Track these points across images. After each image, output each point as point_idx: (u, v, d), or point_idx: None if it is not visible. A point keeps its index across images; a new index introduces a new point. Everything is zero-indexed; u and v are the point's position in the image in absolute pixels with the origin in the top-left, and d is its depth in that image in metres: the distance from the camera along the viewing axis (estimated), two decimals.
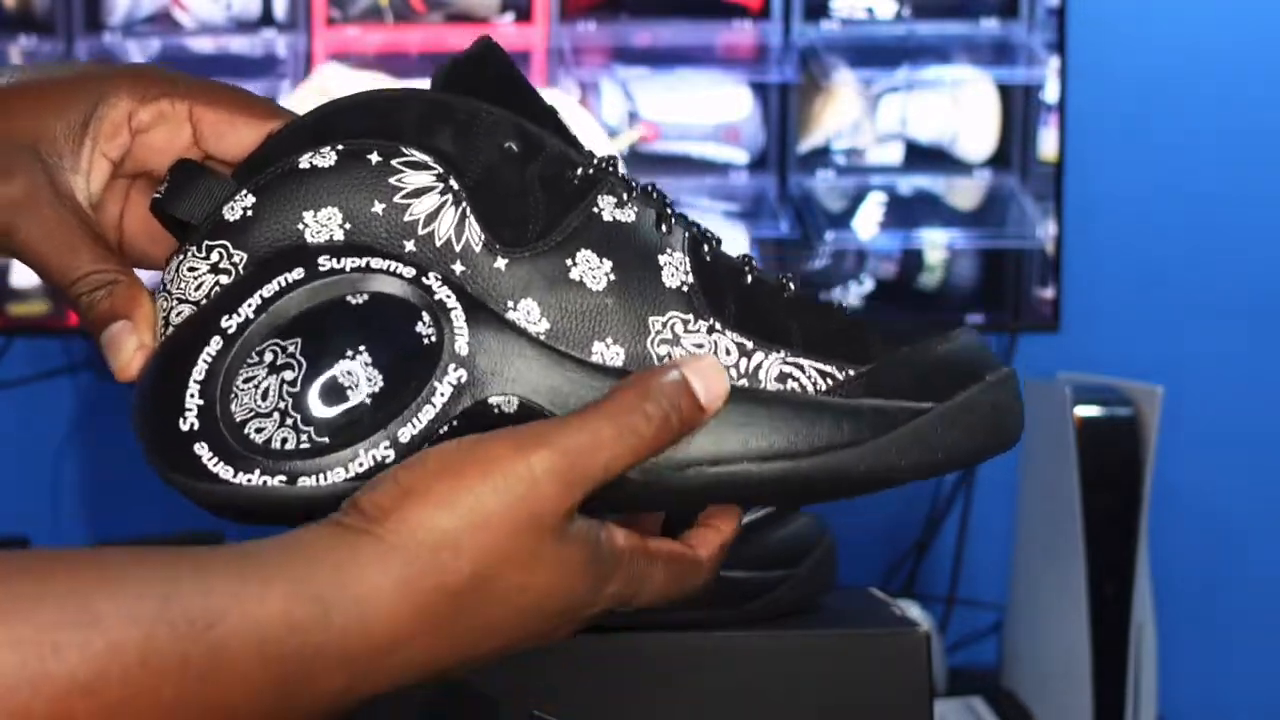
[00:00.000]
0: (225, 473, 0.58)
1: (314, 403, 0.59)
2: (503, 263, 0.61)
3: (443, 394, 0.59)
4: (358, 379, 0.59)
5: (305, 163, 0.61)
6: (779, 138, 1.56)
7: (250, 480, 0.58)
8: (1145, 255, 1.69)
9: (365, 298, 0.60)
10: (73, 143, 0.63)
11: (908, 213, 1.57)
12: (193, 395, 0.59)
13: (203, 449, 0.58)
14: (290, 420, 0.59)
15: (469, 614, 0.56)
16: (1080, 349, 1.62)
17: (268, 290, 0.60)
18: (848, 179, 1.56)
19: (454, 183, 0.61)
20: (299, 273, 0.60)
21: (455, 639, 0.57)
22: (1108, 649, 1.28)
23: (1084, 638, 1.28)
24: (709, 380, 0.59)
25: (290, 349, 0.59)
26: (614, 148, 1.54)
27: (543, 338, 0.60)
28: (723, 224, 1.56)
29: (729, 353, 0.61)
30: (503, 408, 0.60)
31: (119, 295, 0.61)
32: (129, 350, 0.61)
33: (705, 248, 0.63)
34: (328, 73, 1.54)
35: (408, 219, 0.61)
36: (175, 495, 0.60)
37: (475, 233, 0.61)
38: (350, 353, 0.59)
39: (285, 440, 0.59)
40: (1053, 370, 1.47)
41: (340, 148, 0.61)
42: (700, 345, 0.61)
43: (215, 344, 0.60)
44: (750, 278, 0.63)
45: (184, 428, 0.59)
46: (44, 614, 0.51)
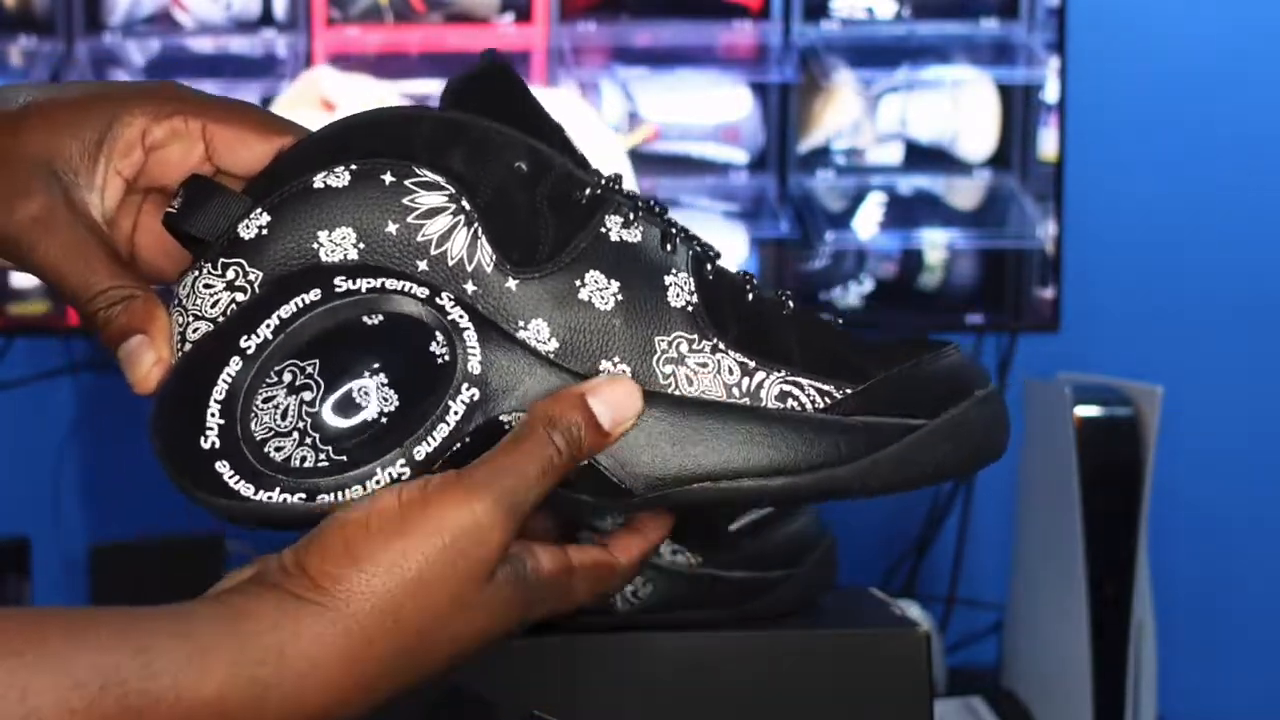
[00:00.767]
0: (247, 490, 0.60)
1: (332, 422, 0.60)
2: (514, 283, 0.62)
3: (456, 412, 0.61)
4: (374, 398, 0.61)
5: (319, 182, 0.62)
6: (779, 138, 1.56)
7: (271, 498, 0.60)
8: (1145, 255, 1.69)
9: (380, 318, 0.61)
10: (88, 161, 0.64)
11: (908, 213, 1.57)
12: (214, 414, 0.60)
13: (224, 467, 0.60)
14: (309, 439, 0.60)
15: (405, 671, 0.58)
16: (1080, 349, 1.61)
17: (285, 311, 0.61)
18: (848, 179, 1.56)
19: (466, 203, 0.62)
20: (316, 294, 0.61)
21: (389, 689, 0.58)
22: (1108, 649, 1.28)
23: (1084, 638, 1.28)
24: (615, 405, 0.61)
25: (308, 370, 0.61)
26: (623, 146, 1.54)
27: (552, 356, 0.62)
28: (723, 224, 1.56)
29: (731, 372, 0.63)
30: (514, 425, 0.61)
31: (136, 310, 0.62)
32: (147, 364, 0.62)
33: (708, 266, 0.65)
34: (317, 74, 1.54)
35: (421, 239, 0.62)
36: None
37: (487, 254, 0.62)
38: (367, 372, 0.61)
39: (305, 459, 0.60)
40: (1053, 370, 1.46)
41: (354, 167, 0.62)
42: (704, 364, 0.63)
43: (235, 364, 0.61)
44: (751, 295, 0.65)
45: (205, 446, 0.60)
46: None
